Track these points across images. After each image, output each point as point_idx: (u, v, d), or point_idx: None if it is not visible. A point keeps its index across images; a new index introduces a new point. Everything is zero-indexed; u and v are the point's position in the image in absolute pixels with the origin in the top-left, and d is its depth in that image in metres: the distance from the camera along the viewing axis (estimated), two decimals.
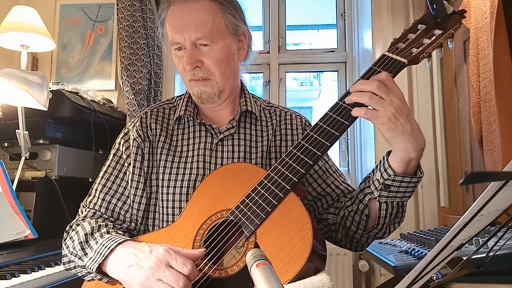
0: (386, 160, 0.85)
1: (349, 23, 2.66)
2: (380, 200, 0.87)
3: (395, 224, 0.93)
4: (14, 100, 1.63)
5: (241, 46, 1.04)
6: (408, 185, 0.84)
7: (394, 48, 0.90)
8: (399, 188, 0.85)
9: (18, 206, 1.55)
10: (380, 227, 0.91)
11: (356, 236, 0.95)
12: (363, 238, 0.96)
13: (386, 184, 0.84)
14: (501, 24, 1.41)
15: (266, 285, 0.50)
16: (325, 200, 1.04)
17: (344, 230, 0.97)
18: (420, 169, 0.85)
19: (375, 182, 0.87)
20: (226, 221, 0.85)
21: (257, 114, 1.08)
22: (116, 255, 0.84)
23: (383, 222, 0.90)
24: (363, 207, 0.91)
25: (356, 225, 0.93)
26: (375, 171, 0.88)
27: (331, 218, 1.01)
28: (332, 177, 1.06)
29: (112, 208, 1.00)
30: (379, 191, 0.86)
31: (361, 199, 0.91)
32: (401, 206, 0.89)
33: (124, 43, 2.26)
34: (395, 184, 0.84)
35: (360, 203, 0.91)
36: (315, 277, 0.76)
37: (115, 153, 1.05)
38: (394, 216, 0.90)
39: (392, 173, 0.83)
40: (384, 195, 0.86)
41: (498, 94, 1.41)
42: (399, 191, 0.85)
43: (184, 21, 0.94)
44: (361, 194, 0.92)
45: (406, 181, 0.83)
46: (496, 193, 0.43)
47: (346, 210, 0.96)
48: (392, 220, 0.91)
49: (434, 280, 0.63)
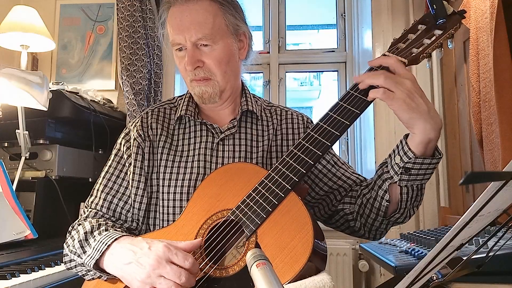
0: (406, 144, 0.85)
1: (349, 23, 2.66)
2: (401, 184, 0.86)
3: (415, 208, 0.93)
4: (14, 100, 1.63)
5: (241, 46, 1.04)
6: (428, 167, 0.84)
7: (395, 48, 0.90)
8: (419, 170, 0.84)
9: (18, 206, 1.55)
10: (402, 211, 0.91)
11: (376, 223, 0.95)
12: (383, 225, 0.95)
13: (407, 168, 0.84)
14: (501, 24, 1.41)
15: (266, 285, 0.50)
16: (338, 192, 1.04)
17: (362, 218, 0.97)
18: (438, 149, 0.86)
19: (395, 166, 0.86)
20: (227, 220, 0.85)
21: (258, 113, 1.08)
22: (112, 251, 0.84)
23: (405, 206, 0.90)
24: (383, 192, 0.90)
25: (376, 212, 0.93)
26: (392, 156, 0.88)
27: (347, 208, 1.00)
28: (342, 169, 1.06)
29: (114, 208, 1.00)
30: (400, 175, 0.85)
31: (380, 185, 0.91)
32: (420, 189, 0.89)
33: (124, 43, 2.26)
34: (416, 166, 0.84)
35: (379, 189, 0.91)
36: (316, 277, 0.76)
37: (116, 153, 1.05)
38: (414, 199, 0.90)
39: (412, 155, 0.83)
40: (405, 178, 0.85)
41: (498, 94, 1.41)
42: (419, 174, 0.85)
43: (185, 21, 0.95)
44: (379, 180, 0.91)
45: (426, 163, 0.83)
46: (496, 193, 0.43)
47: (364, 198, 0.95)
48: (412, 204, 0.91)
49: (434, 280, 0.63)
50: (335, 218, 1.03)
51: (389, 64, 0.83)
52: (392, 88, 0.80)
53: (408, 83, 0.80)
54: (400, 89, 0.79)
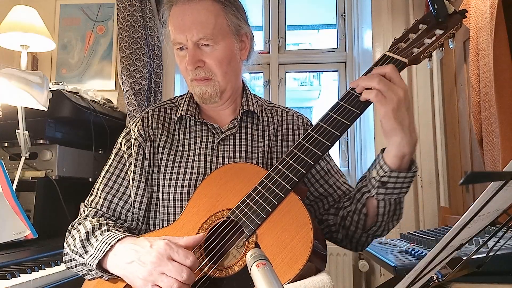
0: (382, 157, 0.86)
1: (349, 23, 2.66)
2: (377, 198, 0.88)
3: (394, 222, 0.94)
4: (14, 100, 1.63)
5: (243, 46, 1.04)
6: (404, 181, 0.85)
7: (395, 48, 0.90)
8: (395, 184, 0.86)
9: (18, 206, 1.55)
10: (378, 224, 0.92)
11: (356, 236, 0.96)
12: (363, 238, 0.96)
13: (383, 181, 0.85)
14: (501, 24, 1.41)
15: (266, 285, 0.50)
16: (326, 200, 1.04)
17: (344, 230, 0.97)
18: (414, 163, 0.87)
19: (372, 180, 0.88)
20: (227, 220, 0.85)
21: (259, 114, 1.08)
22: (115, 251, 0.84)
23: (381, 220, 0.91)
24: (361, 206, 0.91)
25: (355, 225, 0.94)
26: (371, 170, 0.89)
27: (331, 219, 1.01)
28: (334, 177, 1.06)
29: (114, 207, 1.00)
30: (376, 188, 0.87)
31: (358, 198, 0.92)
32: (399, 203, 0.90)
33: (124, 43, 2.26)
34: (392, 180, 0.85)
35: (358, 203, 0.92)
36: (315, 277, 0.76)
37: (116, 153, 1.05)
38: (392, 213, 0.91)
39: (387, 169, 0.84)
40: (382, 192, 0.87)
41: (498, 94, 1.41)
42: (395, 188, 0.86)
43: (186, 21, 0.95)
44: (359, 193, 0.92)
45: (401, 176, 0.85)
46: (496, 193, 0.43)
47: (345, 210, 0.97)
48: (390, 218, 0.92)
49: (434, 280, 0.63)
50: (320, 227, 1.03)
51: (386, 72, 0.83)
52: (384, 93, 0.80)
53: (401, 93, 0.81)
54: (392, 96, 0.80)
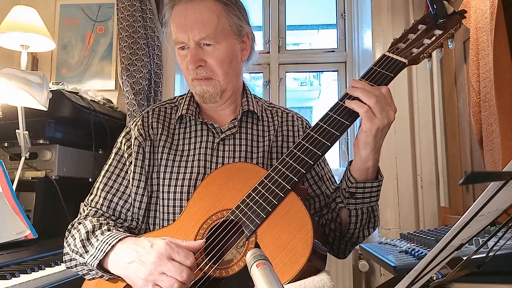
0: (348, 170, 0.90)
1: (349, 23, 2.66)
2: (349, 208, 0.92)
3: (369, 229, 0.97)
4: (14, 100, 1.63)
5: (244, 47, 1.04)
6: (371, 190, 0.90)
7: (395, 48, 0.90)
8: (363, 194, 0.90)
9: (18, 206, 1.55)
10: (351, 232, 0.96)
11: (336, 243, 1.00)
12: (342, 246, 1.00)
13: (351, 192, 0.90)
14: (501, 24, 1.41)
15: (266, 285, 0.50)
16: (313, 201, 1.06)
17: (324, 237, 1.00)
18: (379, 173, 0.91)
19: (342, 191, 0.92)
20: (227, 220, 0.85)
21: (259, 114, 1.08)
22: (116, 251, 0.84)
23: (354, 227, 0.95)
24: (336, 215, 0.96)
25: (333, 232, 0.98)
26: (342, 181, 0.94)
27: None
28: (325, 185, 1.08)
29: (114, 206, 1.00)
30: (346, 199, 0.91)
31: (333, 208, 0.97)
32: (372, 211, 0.94)
33: (124, 43, 2.26)
34: (359, 190, 0.89)
35: (333, 212, 0.97)
36: (315, 277, 0.76)
37: (116, 152, 1.05)
38: (366, 221, 0.95)
39: (354, 180, 0.88)
40: (352, 202, 0.91)
41: (498, 94, 1.41)
42: (364, 197, 0.90)
43: (189, 20, 0.95)
44: (333, 203, 0.97)
45: (368, 186, 0.89)
46: (496, 193, 0.43)
47: (323, 219, 1.01)
48: (364, 226, 0.95)
49: (434, 280, 0.63)
50: None
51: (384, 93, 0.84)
52: (377, 113, 0.82)
53: (392, 115, 0.83)
54: (383, 117, 0.82)
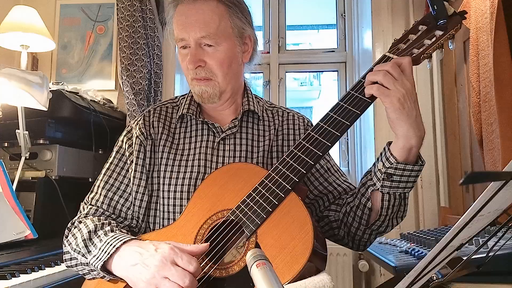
0: (388, 149, 0.86)
1: (349, 23, 2.66)
2: (382, 191, 0.87)
3: (398, 218, 0.93)
4: (14, 100, 1.63)
5: (245, 49, 1.04)
6: (410, 174, 0.85)
7: (395, 48, 0.90)
8: (401, 177, 0.85)
9: (18, 206, 1.55)
10: (382, 219, 0.91)
11: (359, 232, 0.95)
12: (366, 235, 0.95)
13: (389, 173, 0.85)
14: (501, 24, 1.41)
15: (266, 285, 0.50)
16: (327, 198, 1.04)
17: (346, 227, 0.97)
18: (421, 158, 0.87)
19: (377, 172, 0.87)
20: (227, 220, 0.85)
21: (260, 114, 1.08)
22: (121, 253, 0.84)
23: (386, 214, 0.90)
24: (366, 200, 0.91)
25: (358, 221, 0.93)
26: (376, 163, 0.89)
27: (332, 215, 1.00)
28: (334, 176, 1.06)
29: (114, 205, 1.00)
30: (382, 181, 0.86)
31: (363, 192, 0.92)
32: (403, 198, 0.89)
33: (124, 43, 2.26)
34: (398, 172, 0.85)
35: (362, 197, 0.92)
36: (315, 277, 0.76)
37: (117, 151, 1.05)
38: (397, 209, 0.90)
39: (394, 161, 0.84)
40: (387, 185, 0.86)
41: (498, 94, 1.41)
42: (401, 181, 0.85)
43: (190, 19, 0.96)
44: (363, 188, 0.92)
45: (408, 169, 0.84)
46: (496, 193, 0.43)
47: (348, 206, 0.96)
48: (394, 214, 0.91)
49: (434, 280, 0.63)
50: (320, 224, 1.02)
51: (403, 62, 0.84)
52: (389, 86, 0.81)
53: (408, 85, 0.82)
54: (398, 88, 0.81)
